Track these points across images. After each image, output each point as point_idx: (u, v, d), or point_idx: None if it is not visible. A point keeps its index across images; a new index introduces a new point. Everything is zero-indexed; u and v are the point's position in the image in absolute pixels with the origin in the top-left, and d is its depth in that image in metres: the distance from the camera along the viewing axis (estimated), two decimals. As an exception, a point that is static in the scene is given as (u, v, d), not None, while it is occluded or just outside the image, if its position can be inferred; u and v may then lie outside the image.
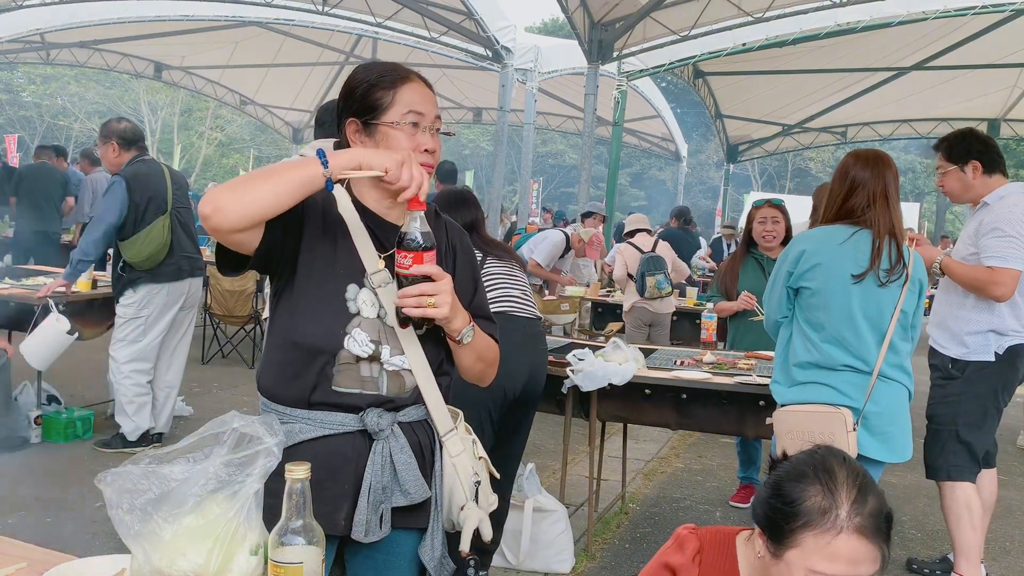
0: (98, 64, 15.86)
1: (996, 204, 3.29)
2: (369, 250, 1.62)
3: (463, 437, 1.75)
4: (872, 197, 2.72)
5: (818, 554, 1.34)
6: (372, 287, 1.62)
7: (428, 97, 1.66)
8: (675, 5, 9.03)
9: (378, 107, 1.62)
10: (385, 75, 1.65)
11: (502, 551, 3.53)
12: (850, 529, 1.34)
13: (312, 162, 1.46)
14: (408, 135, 1.62)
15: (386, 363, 1.62)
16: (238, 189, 1.46)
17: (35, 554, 1.49)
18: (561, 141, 34.46)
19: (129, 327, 4.71)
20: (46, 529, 3.69)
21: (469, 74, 14.19)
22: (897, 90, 12.75)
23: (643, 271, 6.15)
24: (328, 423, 1.61)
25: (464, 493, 1.70)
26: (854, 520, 1.34)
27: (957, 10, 8.54)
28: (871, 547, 1.35)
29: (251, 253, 1.55)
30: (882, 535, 1.37)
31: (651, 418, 3.67)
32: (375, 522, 1.61)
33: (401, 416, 1.66)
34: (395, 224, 1.65)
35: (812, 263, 2.73)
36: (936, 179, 3.55)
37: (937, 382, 3.49)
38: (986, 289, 3.23)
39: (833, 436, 2.62)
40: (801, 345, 2.78)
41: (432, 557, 1.68)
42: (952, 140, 3.46)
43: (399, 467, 1.62)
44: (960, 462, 3.44)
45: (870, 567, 1.35)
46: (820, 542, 1.34)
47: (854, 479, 1.39)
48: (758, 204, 4.31)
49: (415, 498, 1.63)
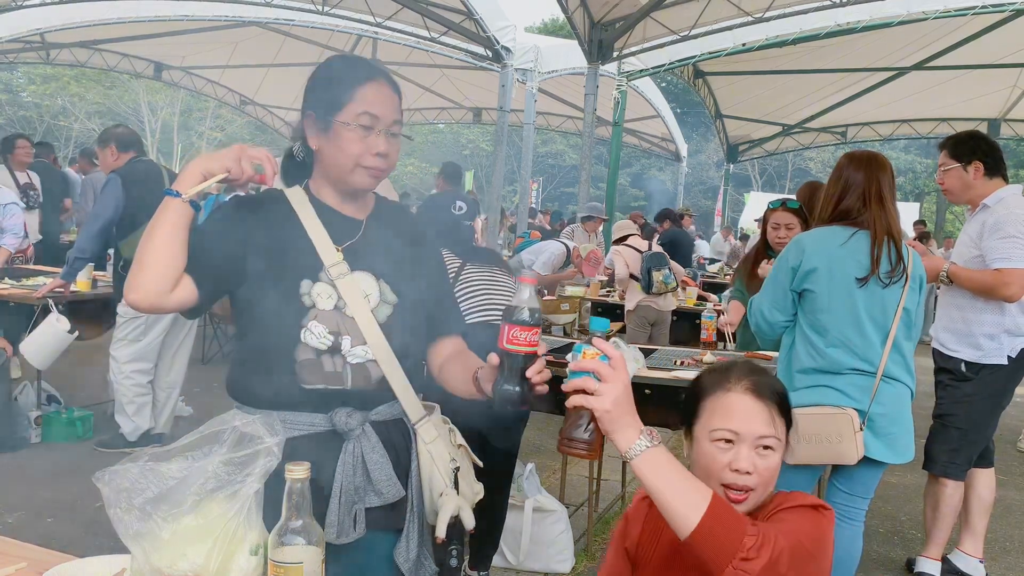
0: (98, 64, 15.85)
1: (996, 206, 3.29)
2: (326, 244, 1.63)
3: (437, 424, 1.73)
4: (866, 198, 2.73)
5: (715, 415, 1.47)
6: (330, 279, 1.61)
7: (388, 99, 1.63)
8: (675, 5, 9.02)
9: (334, 104, 1.61)
10: (345, 72, 1.64)
11: (502, 551, 3.53)
12: (740, 389, 1.47)
13: (167, 201, 1.50)
14: (359, 136, 1.60)
15: (348, 355, 1.61)
16: (138, 265, 1.51)
17: (35, 554, 1.49)
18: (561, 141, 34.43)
19: (130, 327, 4.71)
20: (46, 529, 3.69)
21: (469, 74, 14.17)
22: (897, 90, 12.74)
23: (648, 267, 6.15)
24: (297, 424, 1.60)
25: (443, 479, 1.68)
26: (743, 382, 1.48)
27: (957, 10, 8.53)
28: (761, 405, 1.46)
29: (200, 302, 1.58)
30: (773, 400, 1.47)
31: (651, 418, 3.66)
32: (348, 523, 1.60)
33: (373, 415, 1.65)
34: (350, 216, 1.69)
35: (813, 265, 2.72)
36: (937, 175, 3.56)
37: (949, 383, 3.47)
38: (996, 292, 3.22)
39: (840, 437, 2.62)
40: (805, 351, 2.77)
41: (407, 559, 1.66)
42: (958, 139, 3.48)
43: (371, 467, 1.61)
44: (961, 461, 3.47)
45: (763, 425, 1.44)
46: (716, 404, 1.48)
47: (747, 365, 1.55)
48: (774, 206, 4.15)
49: (388, 498, 1.62)
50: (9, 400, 4.74)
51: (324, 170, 1.68)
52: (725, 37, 9.70)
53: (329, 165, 1.65)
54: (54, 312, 4.56)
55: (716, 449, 1.45)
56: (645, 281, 6.17)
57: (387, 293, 1.66)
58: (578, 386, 1.29)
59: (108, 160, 4.77)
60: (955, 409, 3.45)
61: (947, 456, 3.47)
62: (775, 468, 1.46)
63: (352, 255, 1.65)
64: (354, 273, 1.63)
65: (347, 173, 1.63)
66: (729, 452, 1.44)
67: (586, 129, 10.07)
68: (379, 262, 1.68)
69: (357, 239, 1.68)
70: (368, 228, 1.71)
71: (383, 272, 1.68)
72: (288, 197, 1.68)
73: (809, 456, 2.66)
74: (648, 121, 16.65)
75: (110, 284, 5.02)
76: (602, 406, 1.26)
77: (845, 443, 2.63)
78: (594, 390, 1.27)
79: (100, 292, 5.14)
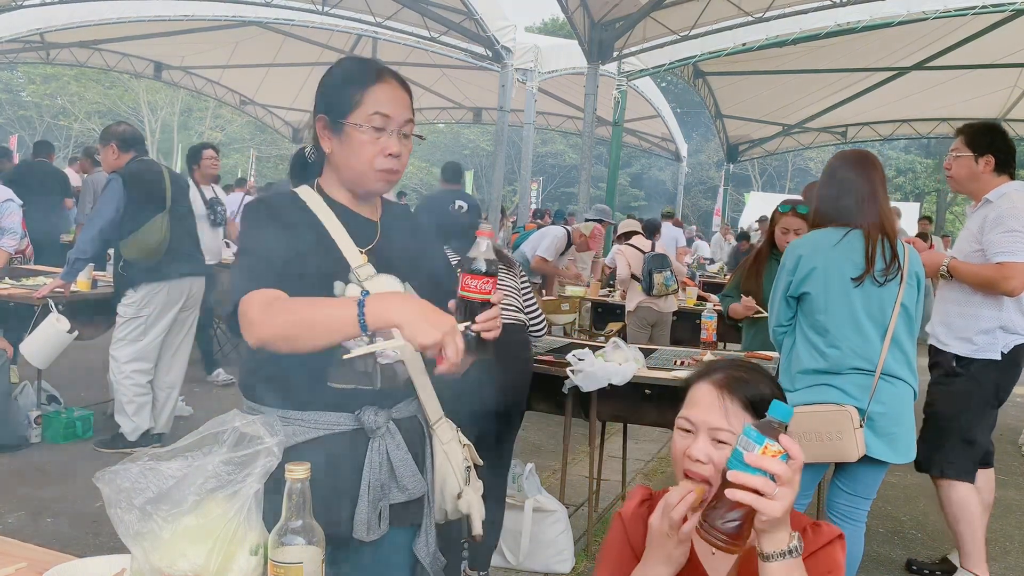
0: (98, 64, 15.87)
1: (998, 201, 3.27)
2: (349, 245, 1.62)
3: (450, 424, 1.77)
4: (860, 197, 2.74)
5: (685, 404, 1.48)
6: (359, 281, 1.61)
7: (400, 99, 1.62)
8: (675, 5, 9.02)
9: (345, 106, 1.60)
10: (357, 73, 1.63)
11: (502, 551, 3.53)
12: (709, 381, 1.46)
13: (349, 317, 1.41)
14: (371, 138, 1.59)
15: (380, 355, 1.62)
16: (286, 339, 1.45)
17: (35, 554, 1.49)
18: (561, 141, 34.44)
19: (130, 327, 4.71)
20: (46, 529, 3.69)
21: (469, 74, 14.18)
22: (897, 90, 12.75)
23: (650, 268, 6.16)
24: (323, 423, 1.60)
25: (457, 480, 1.72)
26: (716, 375, 1.47)
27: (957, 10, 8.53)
28: (717, 398, 1.43)
29: None
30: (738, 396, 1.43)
31: (651, 418, 3.67)
32: (375, 520, 1.62)
33: (394, 413, 1.66)
34: (366, 218, 1.68)
35: (809, 267, 2.74)
36: (947, 159, 3.50)
37: (939, 380, 3.45)
38: (998, 285, 3.19)
39: (840, 434, 2.63)
40: (806, 352, 2.78)
41: (427, 552, 1.69)
42: (977, 129, 3.42)
43: (396, 464, 1.63)
44: (959, 461, 3.41)
45: (717, 417, 1.42)
46: (688, 395, 1.49)
47: (740, 363, 1.53)
48: (783, 210, 4.12)
49: (413, 494, 1.65)
50: (9, 400, 4.74)
51: (337, 173, 1.67)
52: (725, 37, 9.70)
53: (342, 168, 1.64)
54: (54, 312, 4.56)
55: (678, 435, 1.48)
56: (646, 283, 6.18)
57: (412, 294, 1.67)
58: (754, 486, 1.16)
59: (109, 159, 4.77)
60: (944, 406, 3.41)
61: (940, 454, 3.41)
62: None
63: (374, 257, 1.65)
64: (380, 276, 1.63)
65: (360, 176, 1.62)
66: (687, 440, 1.45)
67: (586, 129, 10.07)
68: (401, 263, 1.69)
69: (378, 241, 1.68)
70: (384, 230, 1.71)
71: (405, 273, 1.69)
72: (304, 198, 1.66)
73: (810, 454, 2.66)
74: (648, 121, 16.66)
75: (110, 284, 5.02)
76: (774, 513, 1.16)
77: (845, 440, 2.63)
78: (772, 494, 1.16)
79: (100, 292, 5.14)
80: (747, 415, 1.44)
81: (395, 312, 1.40)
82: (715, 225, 19.74)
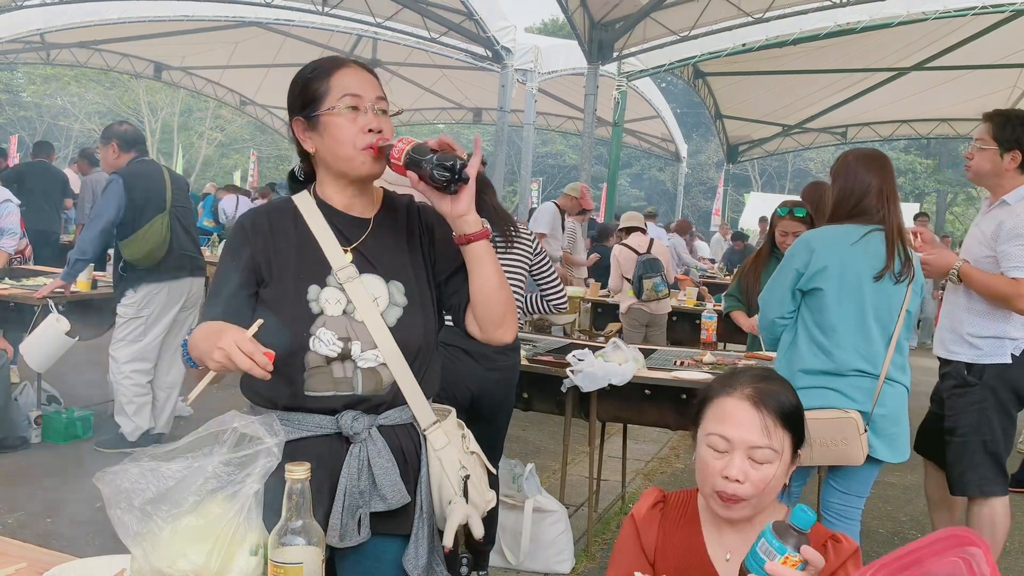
0: (98, 64, 15.88)
1: (1016, 205, 3.07)
2: (334, 248, 1.62)
3: (449, 431, 1.70)
4: (885, 197, 2.72)
5: (712, 419, 1.47)
6: (339, 283, 1.61)
7: (366, 79, 1.64)
8: (675, 5, 9.03)
9: (316, 99, 1.61)
10: (318, 67, 1.65)
11: (502, 551, 3.53)
12: (739, 395, 1.46)
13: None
14: (348, 119, 1.59)
15: (359, 359, 1.60)
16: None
17: (35, 554, 1.49)
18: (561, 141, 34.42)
19: (130, 327, 4.71)
20: (46, 529, 3.69)
21: (469, 74, 14.18)
22: (897, 90, 12.76)
23: (640, 274, 6.13)
24: (304, 424, 1.60)
25: (452, 488, 1.66)
26: (745, 389, 1.47)
27: (957, 10, 8.55)
28: (756, 415, 1.44)
29: None
30: (774, 411, 1.45)
31: (651, 418, 3.67)
32: (352, 527, 1.58)
33: (382, 419, 1.63)
34: (358, 217, 1.68)
35: (823, 264, 2.70)
36: (969, 148, 3.25)
37: (954, 392, 3.19)
38: (1012, 303, 3.00)
39: (846, 440, 2.62)
40: (808, 350, 2.75)
41: (416, 566, 1.63)
42: (1007, 119, 3.12)
43: (377, 471, 1.59)
44: (990, 475, 3.17)
45: (757, 435, 1.43)
46: (715, 408, 1.48)
47: (758, 371, 1.54)
48: (782, 213, 4.11)
49: (392, 504, 1.60)
50: (9, 400, 4.74)
51: (327, 170, 1.67)
52: (725, 37, 9.71)
53: (330, 161, 1.64)
54: (54, 312, 4.55)
55: (710, 454, 1.45)
56: (636, 288, 6.16)
57: (396, 295, 1.65)
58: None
59: (109, 158, 4.76)
60: (964, 419, 3.17)
61: (974, 472, 3.16)
62: (771, 479, 1.44)
63: (359, 256, 1.64)
64: (362, 276, 1.62)
65: (348, 161, 1.61)
66: (723, 459, 1.43)
67: (586, 129, 10.08)
68: (387, 262, 1.66)
69: (363, 239, 1.66)
70: (376, 227, 1.69)
71: (391, 272, 1.66)
72: (296, 204, 1.68)
73: (816, 458, 2.66)
74: (648, 121, 16.67)
75: (110, 284, 5.02)
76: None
77: (851, 445, 2.62)
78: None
79: (100, 292, 5.14)
80: (784, 432, 1.45)
81: (193, 347, 1.52)
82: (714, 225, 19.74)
